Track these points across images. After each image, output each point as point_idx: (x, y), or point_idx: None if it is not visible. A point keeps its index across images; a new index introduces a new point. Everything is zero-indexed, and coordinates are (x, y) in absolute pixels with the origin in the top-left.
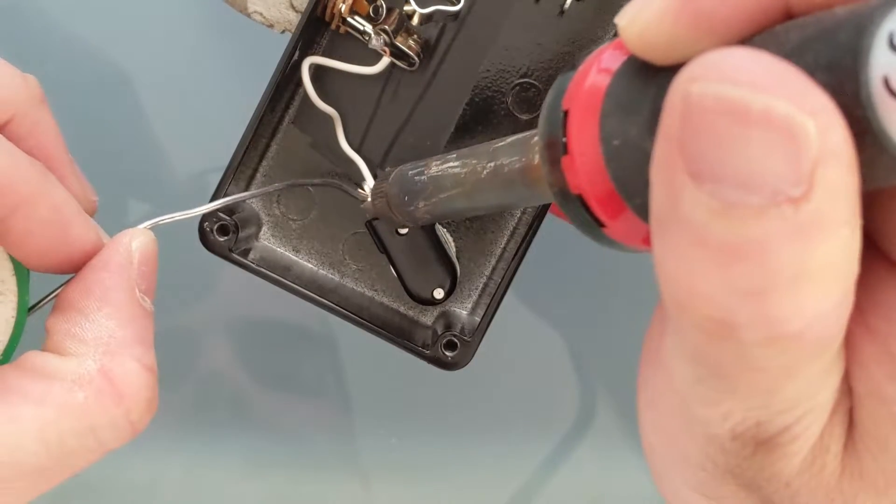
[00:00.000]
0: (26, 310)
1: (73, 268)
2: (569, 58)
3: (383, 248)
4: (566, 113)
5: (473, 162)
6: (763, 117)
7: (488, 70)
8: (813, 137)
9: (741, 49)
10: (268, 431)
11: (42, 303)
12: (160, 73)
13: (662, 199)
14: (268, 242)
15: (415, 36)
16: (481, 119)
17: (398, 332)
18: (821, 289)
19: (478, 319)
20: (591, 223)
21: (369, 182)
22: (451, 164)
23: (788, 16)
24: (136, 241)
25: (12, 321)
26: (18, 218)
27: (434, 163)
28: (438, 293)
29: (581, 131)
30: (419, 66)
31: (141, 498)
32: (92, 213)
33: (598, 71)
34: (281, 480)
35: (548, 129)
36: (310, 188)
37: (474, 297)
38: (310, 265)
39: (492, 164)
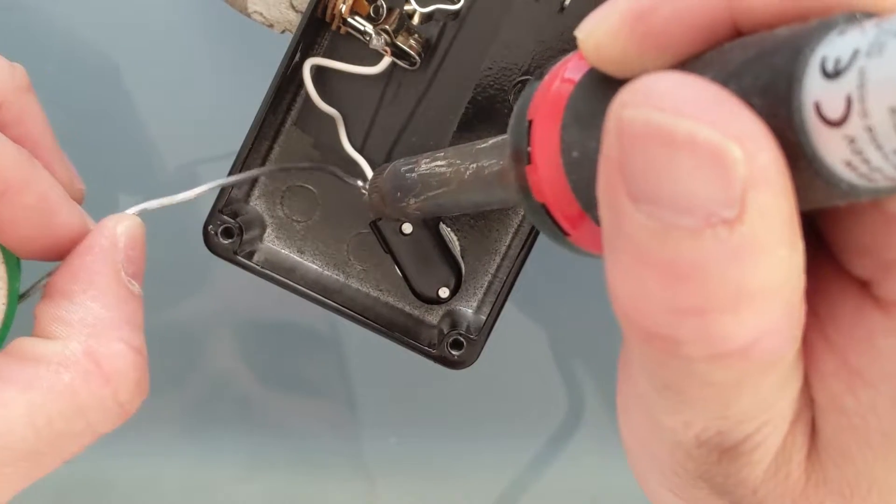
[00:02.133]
0: (17, 298)
1: (61, 254)
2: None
3: (388, 248)
4: (531, 122)
5: (458, 162)
6: (688, 142)
7: (490, 68)
8: (739, 162)
9: (671, 74)
10: (272, 431)
11: (32, 290)
12: (160, 72)
13: (607, 217)
14: (272, 244)
15: (415, 35)
16: (484, 117)
17: (404, 332)
18: (762, 307)
19: (483, 318)
20: (555, 231)
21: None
22: (438, 163)
23: (737, 33)
24: (122, 225)
25: (3, 309)
26: (5, 205)
27: (423, 161)
28: (443, 292)
29: (543, 142)
30: (420, 65)
31: (144, 497)
32: (79, 202)
33: (561, 81)
34: (285, 480)
35: (514, 139)
36: (312, 188)
37: (479, 296)
38: (314, 266)
39: (474, 165)
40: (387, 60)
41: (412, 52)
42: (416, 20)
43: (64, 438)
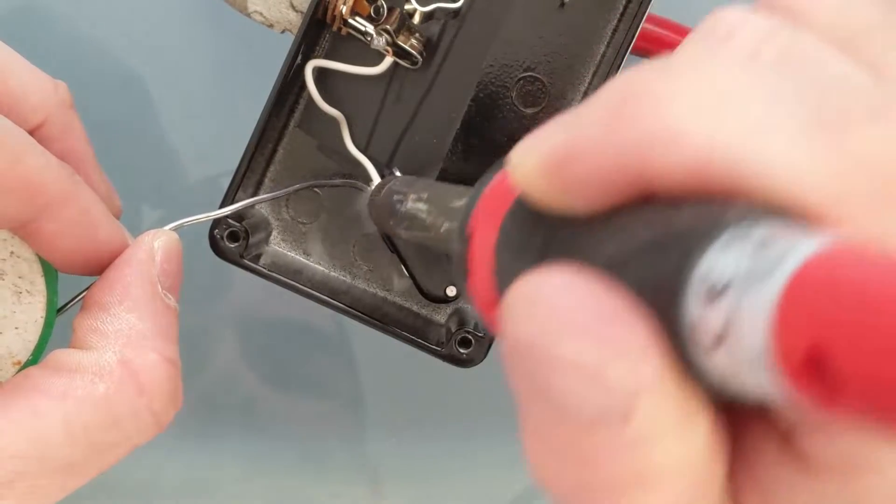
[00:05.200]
0: (55, 311)
1: (101, 269)
2: (571, 50)
3: (394, 248)
4: (471, 235)
5: (435, 213)
6: (570, 363)
7: (491, 65)
8: (622, 377)
9: (554, 279)
10: (276, 432)
11: (70, 304)
12: (158, 73)
13: (514, 389)
14: (278, 247)
15: (417, 34)
16: (487, 114)
17: (412, 332)
18: (661, 491)
19: None
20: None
21: (376, 182)
22: (421, 206)
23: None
24: (159, 240)
25: (41, 322)
26: (47, 219)
27: (411, 196)
28: (451, 290)
29: (479, 261)
30: (422, 64)
31: (146, 497)
32: (117, 217)
33: (497, 200)
34: (289, 481)
35: (458, 247)
36: (317, 190)
37: None
38: (321, 268)
39: (446, 224)
40: (388, 60)
41: (414, 52)
42: (416, 19)
43: (99, 449)
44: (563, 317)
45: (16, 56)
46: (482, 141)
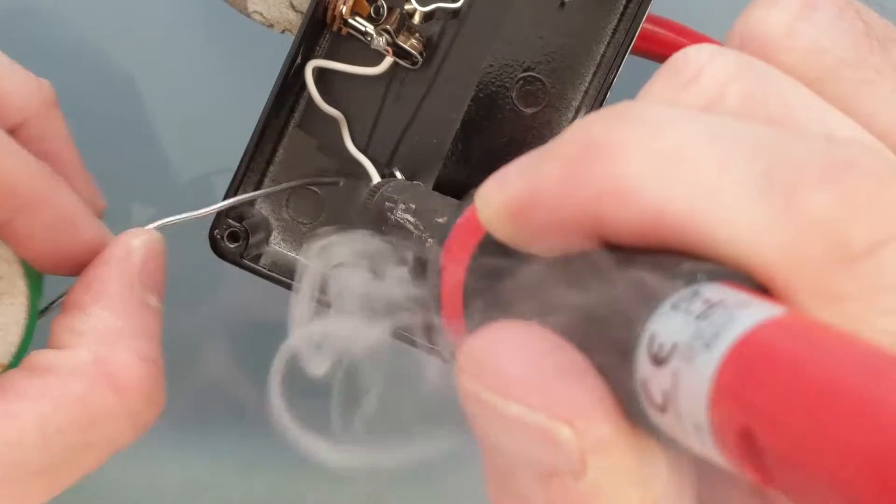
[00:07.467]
0: (37, 313)
1: (82, 269)
2: (571, 50)
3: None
4: (442, 268)
5: (421, 228)
6: (517, 423)
7: (491, 65)
8: (570, 439)
9: (505, 338)
10: (272, 432)
11: (52, 305)
12: (158, 73)
13: (477, 440)
14: (278, 247)
15: (417, 34)
16: (486, 114)
17: (412, 331)
18: None
19: None
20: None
21: (375, 182)
22: (410, 217)
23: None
24: (139, 238)
25: (23, 324)
26: (22, 221)
27: (400, 205)
28: None
29: (450, 295)
30: (422, 64)
31: (143, 498)
32: (98, 216)
33: (468, 233)
34: (287, 481)
35: (432, 281)
36: (317, 190)
37: None
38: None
39: (431, 240)
40: (388, 60)
41: (414, 52)
42: (416, 19)
43: (76, 451)
44: (511, 378)
45: None
46: (482, 141)
